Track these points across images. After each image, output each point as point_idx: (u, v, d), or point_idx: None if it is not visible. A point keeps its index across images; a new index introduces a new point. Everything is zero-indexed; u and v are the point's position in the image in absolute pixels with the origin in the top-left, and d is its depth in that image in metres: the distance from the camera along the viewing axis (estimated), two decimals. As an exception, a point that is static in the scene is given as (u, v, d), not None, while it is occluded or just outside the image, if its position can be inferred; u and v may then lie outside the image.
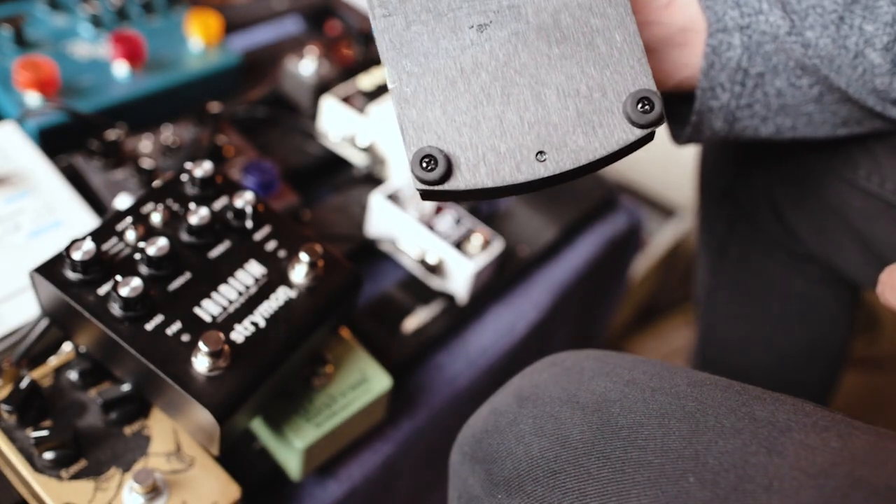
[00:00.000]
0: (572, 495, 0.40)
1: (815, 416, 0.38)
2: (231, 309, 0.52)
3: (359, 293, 0.59)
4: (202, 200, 0.56)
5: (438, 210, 0.73)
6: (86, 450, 0.50)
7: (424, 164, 0.39)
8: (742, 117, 0.53)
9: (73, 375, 0.53)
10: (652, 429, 0.39)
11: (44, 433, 0.48)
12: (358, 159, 0.82)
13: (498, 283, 0.77)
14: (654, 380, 0.42)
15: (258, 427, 0.57)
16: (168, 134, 0.73)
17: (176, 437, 0.52)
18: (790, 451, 0.36)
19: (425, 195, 0.41)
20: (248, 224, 0.56)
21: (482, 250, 0.71)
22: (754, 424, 0.38)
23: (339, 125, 0.81)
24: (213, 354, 0.48)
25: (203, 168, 0.57)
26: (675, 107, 0.56)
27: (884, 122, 0.54)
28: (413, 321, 0.72)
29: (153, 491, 0.49)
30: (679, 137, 0.56)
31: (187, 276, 0.52)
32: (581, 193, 0.89)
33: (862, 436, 0.37)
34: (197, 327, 0.50)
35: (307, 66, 0.86)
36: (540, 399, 0.44)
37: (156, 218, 0.54)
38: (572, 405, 0.42)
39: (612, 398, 0.42)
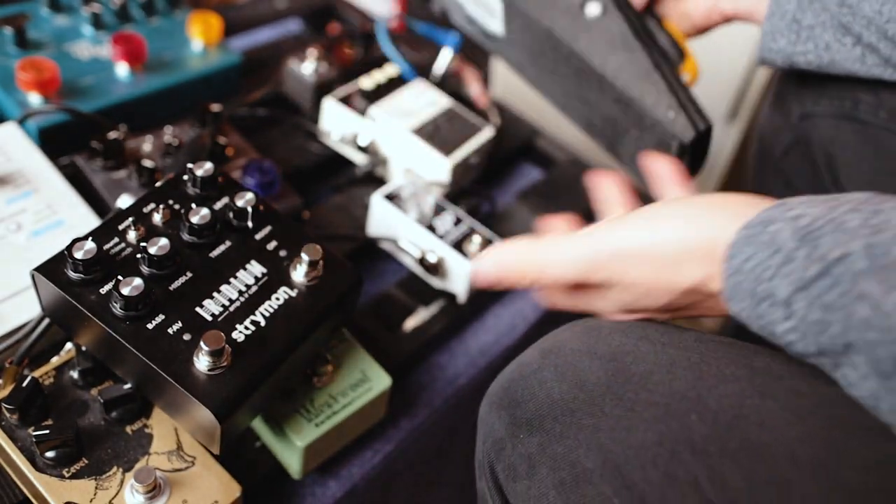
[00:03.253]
0: (587, 430, 0.44)
1: (807, 366, 0.41)
2: (232, 308, 0.52)
3: (359, 293, 0.60)
4: (203, 200, 0.57)
5: (438, 211, 0.73)
6: (87, 449, 0.50)
7: None
8: (798, 63, 0.64)
9: (74, 374, 0.53)
10: (661, 375, 0.44)
11: (45, 432, 0.49)
12: (358, 159, 0.82)
13: (498, 282, 0.77)
14: (664, 336, 0.47)
15: (259, 426, 0.58)
16: (169, 134, 0.73)
17: (177, 436, 0.52)
18: (781, 396, 0.41)
19: None
20: (249, 224, 0.56)
21: (481, 250, 0.71)
22: (751, 373, 0.43)
23: (340, 126, 0.82)
24: (214, 354, 0.48)
25: (204, 168, 0.57)
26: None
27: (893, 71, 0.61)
28: (413, 321, 0.72)
29: (154, 490, 0.49)
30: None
31: (188, 275, 0.52)
32: (581, 193, 0.89)
33: None
34: (198, 327, 0.50)
35: (308, 66, 0.86)
36: (561, 351, 0.48)
37: (157, 218, 0.54)
38: (590, 355, 0.47)
39: (626, 350, 0.46)
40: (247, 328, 0.51)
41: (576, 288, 0.51)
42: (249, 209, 0.56)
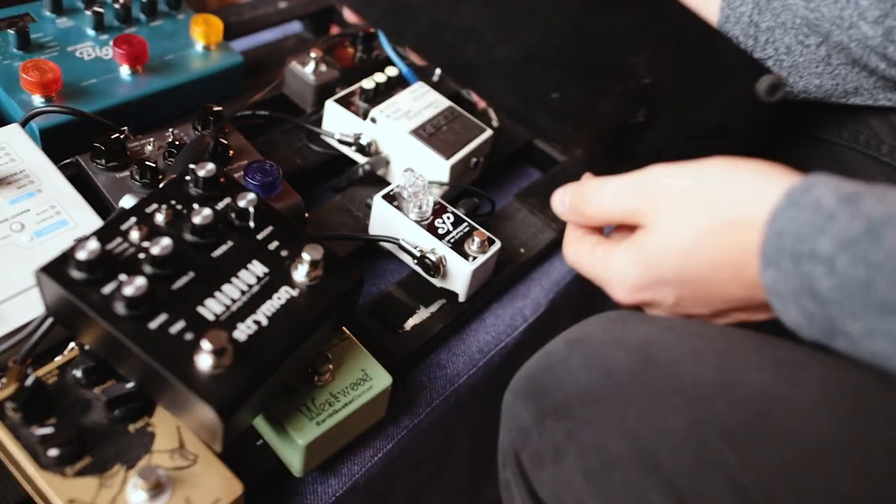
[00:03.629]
0: (615, 417, 0.44)
1: (832, 356, 0.41)
2: (234, 308, 0.52)
3: (360, 292, 0.60)
4: (205, 201, 0.57)
5: (438, 213, 0.73)
6: (90, 447, 0.51)
7: None
8: None
9: (77, 373, 0.53)
10: (687, 363, 0.44)
11: (49, 430, 0.49)
12: (360, 160, 0.82)
13: (498, 282, 0.77)
14: (690, 327, 0.47)
15: (261, 424, 0.58)
16: (171, 135, 0.73)
17: (179, 434, 0.53)
18: (809, 384, 0.41)
19: None
20: (251, 224, 0.57)
21: (481, 250, 0.71)
22: (778, 362, 0.43)
23: (341, 127, 0.82)
24: (217, 353, 0.48)
25: (206, 169, 0.57)
26: None
27: (892, 94, 0.58)
28: (413, 320, 0.72)
29: (157, 487, 0.49)
30: None
31: (190, 275, 0.53)
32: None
33: (874, 371, 0.40)
34: (200, 326, 0.50)
35: (309, 68, 0.86)
36: (588, 341, 0.48)
37: (159, 218, 0.55)
38: (617, 345, 0.47)
39: (652, 339, 0.46)
40: (248, 327, 0.52)
41: (604, 239, 0.50)
42: (251, 209, 0.56)
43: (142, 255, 0.52)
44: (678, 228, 0.44)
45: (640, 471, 0.42)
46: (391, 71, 0.85)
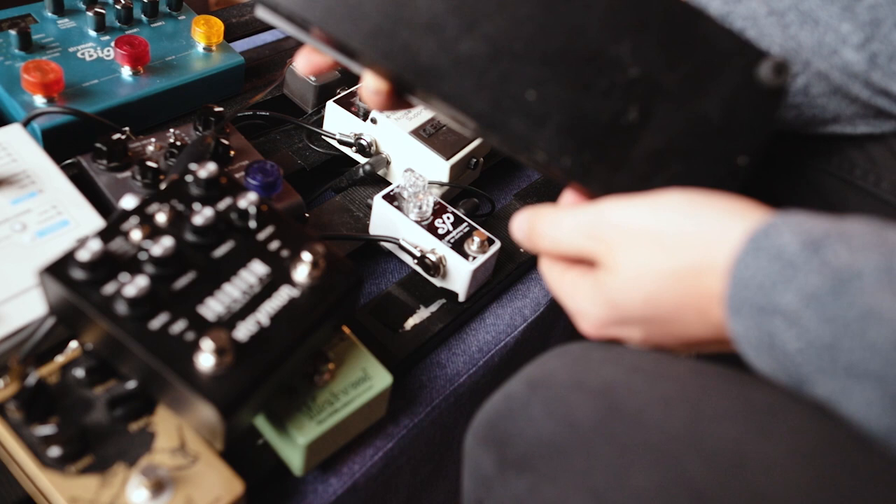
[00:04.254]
0: (579, 473, 0.41)
1: (808, 403, 0.39)
2: (235, 307, 0.52)
3: (360, 292, 0.60)
4: (206, 201, 0.57)
5: (438, 213, 0.74)
6: (92, 446, 0.51)
7: None
8: None
9: (79, 373, 0.53)
10: (655, 412, 0.41)
11: (50, 429, 0.49)
12: (360, 160, 0.82)
13: (497, 282, 0.77)
14: (658, 367, 0.44)
15: (261, 424, 0.58)
16: (172, 136, 0.74)
17: (180, 433, 0.53)
18: (784, 436, 0.38)
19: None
20: (252, 224, 0.57)
21: (481, 250, 0.71)
22: (751, 410, 0.40)
23: (341, 128, 0.82)
24: (218, 352, 0.48)
25: (207, 169, 0.57)
26: None
27: (872, 121, 0.56)
28: (413, 320, 0.72)
29: (158, 486, 0.49)
30: None
31: (192, 275, 0.53)
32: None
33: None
34: (201, 325, 0.51)
35: (309, 68, 0.87)
36: (550, 384, 0.46)
37: (161, 218, 0.55)
38: (580, 389, 0.44)
39: (617, 383, 0.43)
40: (249, 327, 0.52)
41: (575, 264, 0.47)
42: (252, 209, 0.56)
43: (143, 256, 0.52)
44: (638, 272, 0.42)
45: None
46: (391, 71, 0.85)
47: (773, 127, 0.48)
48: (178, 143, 0.72)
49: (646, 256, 0.42)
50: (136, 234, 0.53)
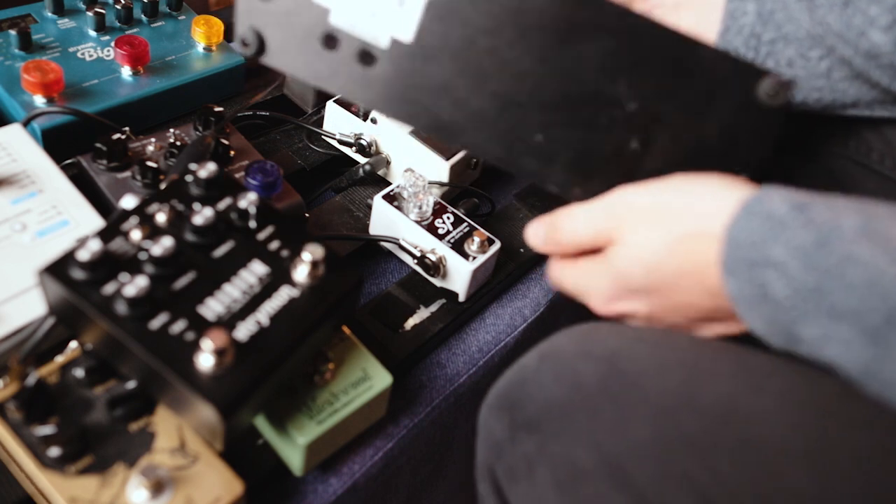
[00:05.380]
0: (584, 430, 0.45)
1: (801, 364, 0.43)
2: (235, 308, 0.52)
3: (360, 292, 0.60)
4: (206, 201, 0.57)
5: (438, 213, 0.74)
6: (92, 446, 0.51)
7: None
8: None
9: (79, 373, 0.53)
10: (654, 374, 0.45)
11: (50, 430, 0.49)
12: (360, 160, 0.82)
13: (498, 282, 0.77)
14: (659, 337, 0.48)
15: (261, 424, 0.58)
16: (172, 136, 0.74)
17: (180, 433, 0.53)
18: (774, 391, 0.42)
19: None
20: (252, 224, 0.57)
21: (481, 250, 0.71)
22: (745, 371, 0.44)
23: (342, 127, 0.82)
24: (218, 352, 0.48)
25: (207, 169, 0.57)
26: None
27: (891, 106, 0.58)
28: (413, 320, 0.72)
29: (158, 486, 0.49)
30: None
31: (192, 275, 0.53)
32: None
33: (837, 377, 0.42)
34: (201, 325, 0.51)
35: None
36: (559, 354, 0.49)
37: (161, 218, 0.55)
38: (586, 357, 0.48)
39: (621, 351, 0.47)
40: (249, 327, 0.52)
41: (589, 255, 0.51)
42: (252, 209, 0.56)
43: (143, 255, 0.52)
44: (642, 240, 0.47)
45: (610, 484, 0.43)
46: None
47: (773, 144, 0.50)
48: (178, 144, 0.72)
49: (650, 227, 0.46)
50: (136, 234, 0.53)
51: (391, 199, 0.74)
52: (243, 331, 0.51)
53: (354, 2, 0.48)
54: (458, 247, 0.72)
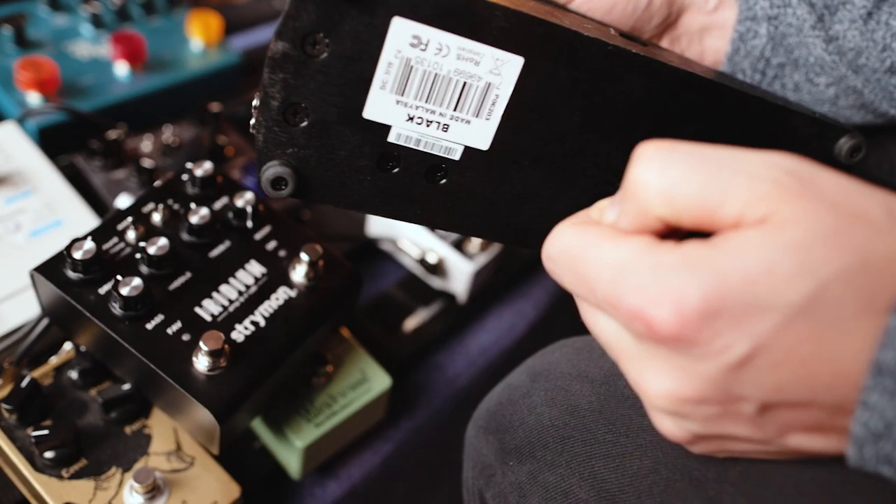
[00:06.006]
0: (579, 458, 0.42)
1: None
2: (231, 308, 0.52)
3: (359, 293, 0.60)
4: (203, 200, 0.57)
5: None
6: (86, 449, 0.50)
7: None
8: None
9: (73, 375, 0.53)
10: None
11: (44, 432, 0.49)
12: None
13: (498, 283, 0.77)
14: None
15: (258, 426, 0.58)
16: (168, 134, 0.73)
17: (176, 436, 0.52)
18: None
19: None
20: (249, 224, 0.56)
21: (482, 250, 0.71)
22: None
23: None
24: (214, 354, 0.48)
25: (203, 168, 0.57)
26: None
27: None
28: (413, 321, 0.72)
29: (153, 490, 0.49)
30: None
31: (188, 275, 0.52)
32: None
33: None
34: (197, 327, 0.50)
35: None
36: (551, 374, 0.47)
37: (156, 217, 0.54)
38: (581, 379, 0.45)
39: (618, 373, 0.44)
40: (246, 328, 0.51)
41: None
42: (249, 209, 0.56)
43: (138, 255, 0.52)
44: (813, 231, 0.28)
45: None
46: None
47: None
48: (175, 142, 0.72)
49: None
50: (131, 234, 0.53)
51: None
52: (240, 332, 0.51)
53: (425, 112, 0.38)
54: (458, 247, 0.71)
